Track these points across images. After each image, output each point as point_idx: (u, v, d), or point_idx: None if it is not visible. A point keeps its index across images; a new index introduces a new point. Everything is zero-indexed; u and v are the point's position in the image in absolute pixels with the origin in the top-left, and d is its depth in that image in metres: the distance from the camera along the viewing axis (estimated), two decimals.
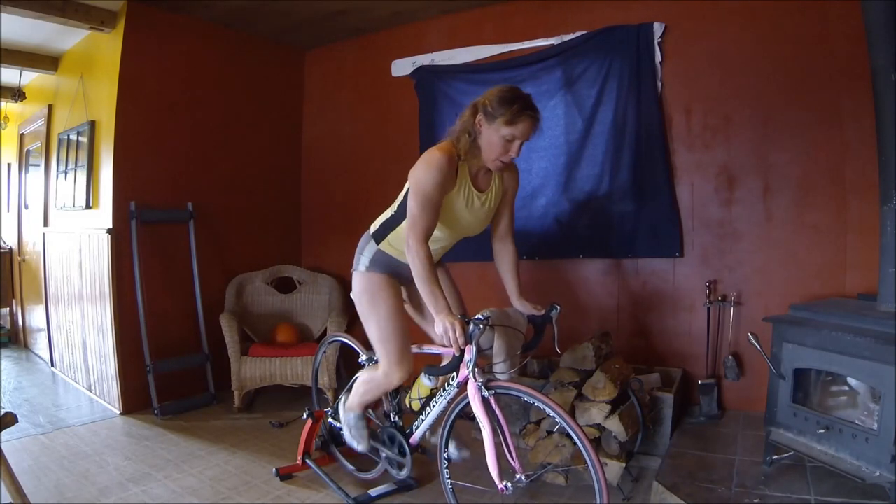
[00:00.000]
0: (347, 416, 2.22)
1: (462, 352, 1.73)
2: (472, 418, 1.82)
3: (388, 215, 2.00)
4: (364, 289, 2.01)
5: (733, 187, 2.79)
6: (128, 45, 3.23)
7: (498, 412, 1.77)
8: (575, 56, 3.06)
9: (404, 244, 1.81)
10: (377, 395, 2.16)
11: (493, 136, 1.78)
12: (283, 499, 2.25)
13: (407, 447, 2.12)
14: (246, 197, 3.89)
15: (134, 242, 3.21)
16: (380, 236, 2.01)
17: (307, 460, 2.46)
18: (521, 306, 2.04)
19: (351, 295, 2.11)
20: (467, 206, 1.89)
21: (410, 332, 2.03)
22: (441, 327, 1.65)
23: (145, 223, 3.30)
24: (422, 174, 1.76)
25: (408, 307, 2.18)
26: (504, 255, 2.10)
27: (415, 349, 2.10)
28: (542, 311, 1.98)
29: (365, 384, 2.13)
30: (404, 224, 1.87)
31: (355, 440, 2.21)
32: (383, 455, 2.23)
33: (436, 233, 1.86)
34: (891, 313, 1.91)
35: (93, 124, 3.44)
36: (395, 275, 2.03)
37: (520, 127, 1.76)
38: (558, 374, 2.47)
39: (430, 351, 2.14)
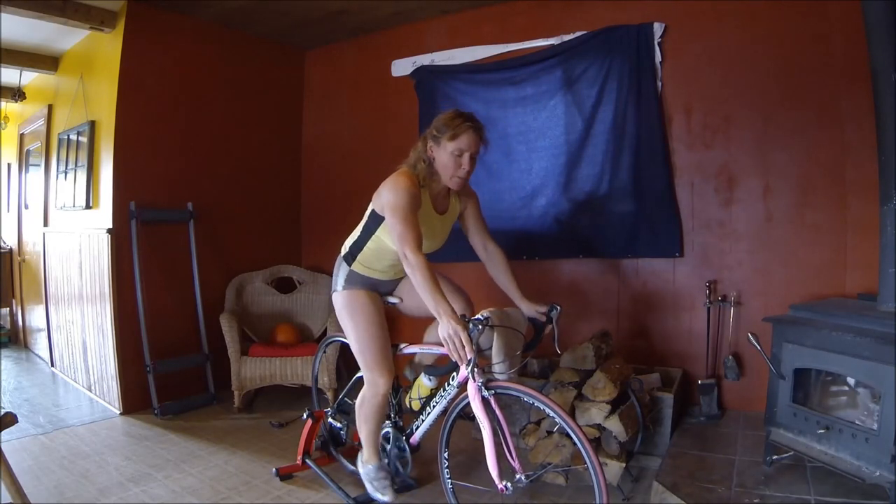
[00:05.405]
0: (367, 469, 2.14)
1: None
2: (472, 418, 1.82)
3: (355, 237, 2.10)
4: (343, 305, 2.08)
5: (733, 187, 2.79)
6: (128, 45, 3.23)
7: (498, 412, 1.77)
8: (575, 56, 3.06)
9: (375, 262, 2.04)
10: (376, 414, 2.08)
11: (443, 156, 1.91)
12: (283, 499, 2.25)
13: (407, 447, 2.13)
14: (246, 197, 3.89)
15: (134, 242, 3.21)
16: (350, 257, 2.10)
17: (307, 460, 2.45)
18: (526, 308, 2.04)
19: (336, 313, 2.15)
20: (427, 225, 1.98)
21: (405, 334, 2.04)
22: (444, 331, 1.63)
23: (145, 223, 3.30)
24: (393, 195, 1.85)
25: (402, 306, 2.21)
26: (494, 260, 2.13)
27: (409, 349, 2.11)
28: (545, 312, 1.99)
29: (360, 409, 2.09)
30: (370, 244, 2.02)
31: (379, 493, 2.09)
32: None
33: (392, 247, 1.92)
34: (891, 313, 1.91)
35: (93, 124, 3.44)
36: (372, 288, 2.11)
37: (463, 139, 1.88)
38: (558, 374, 2.47)
39: (425, 351, 2.14)
